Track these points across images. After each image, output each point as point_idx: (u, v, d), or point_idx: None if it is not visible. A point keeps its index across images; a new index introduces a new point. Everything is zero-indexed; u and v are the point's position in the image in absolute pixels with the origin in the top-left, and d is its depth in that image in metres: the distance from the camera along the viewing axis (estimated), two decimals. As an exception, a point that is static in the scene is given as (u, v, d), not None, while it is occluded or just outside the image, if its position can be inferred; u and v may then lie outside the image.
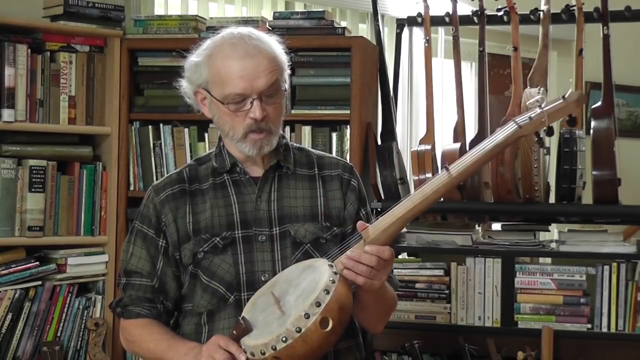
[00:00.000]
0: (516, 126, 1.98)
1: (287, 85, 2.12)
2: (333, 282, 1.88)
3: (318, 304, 1.84)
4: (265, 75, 2.02)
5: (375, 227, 1.94)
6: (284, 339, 1.84)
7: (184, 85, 2.14)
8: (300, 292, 1.91)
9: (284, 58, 2.10)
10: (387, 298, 2.14)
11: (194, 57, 2.11)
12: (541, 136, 2.04)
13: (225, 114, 2.06)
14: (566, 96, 2.03)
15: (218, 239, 2.09)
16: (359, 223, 1.96)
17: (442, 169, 1.96)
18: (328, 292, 1.86)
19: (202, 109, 2.14)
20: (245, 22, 3.46)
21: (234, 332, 1.95)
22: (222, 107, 2.05)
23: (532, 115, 1.99)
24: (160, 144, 3.51)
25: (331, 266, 1.93)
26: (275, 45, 2.09)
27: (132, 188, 3.52)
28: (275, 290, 1.96)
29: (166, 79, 3.51)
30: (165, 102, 3.52)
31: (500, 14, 3.45)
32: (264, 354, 1.86)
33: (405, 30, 3.91)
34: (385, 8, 4.42)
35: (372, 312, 2.12)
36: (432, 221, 3.46)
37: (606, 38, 3.32)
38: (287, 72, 2.12)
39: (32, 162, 3.29)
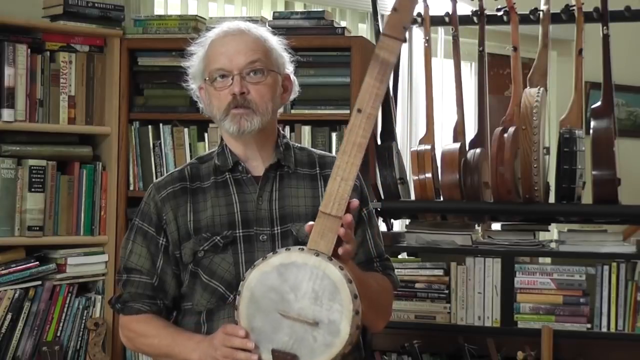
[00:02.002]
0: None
1: (286, 72, 2.17)
2: (342, 268, 1.84)
3: (355, 296, 1.83)
4: (246, 53, 2.07)
5: (342, 198, 1.85)
6: (350, 342, 1.83)
7: (192, 87, 2.18)
8: (313, 295, 1.83)
9: (274, 45, 2.14)
10: (372, 284, 2.08)
11: (194, 55, 2.16)
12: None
13: (213, 95, 2.09)
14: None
15: (219, 237, 2.09)
16: (308, 225, 1.88)
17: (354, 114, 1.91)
18: (351, 281, 1.83)
19: None
20: (245, 22, 3.45)
21: None
22: (209, 88, 2.09)
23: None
24: (160, 143, 3.51)
25: (318, 254, 1.84)
26: (265, 33, 2.15)
27: (131, 188, 3.52)
28: (269, 307, 1.85)
29: (166, 78, 3.52)
30: (165, 102, 3.52)
31: (500, 14, 3.45)
32: None
33: (405, 30, 3.90)
34: (385, 8, 4.40)
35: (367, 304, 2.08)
36: (431, 221, 3.46)
37: (606, 38, 3.31)
38: (282, 60, 2.15)
39: (31, 162, 3.29)
